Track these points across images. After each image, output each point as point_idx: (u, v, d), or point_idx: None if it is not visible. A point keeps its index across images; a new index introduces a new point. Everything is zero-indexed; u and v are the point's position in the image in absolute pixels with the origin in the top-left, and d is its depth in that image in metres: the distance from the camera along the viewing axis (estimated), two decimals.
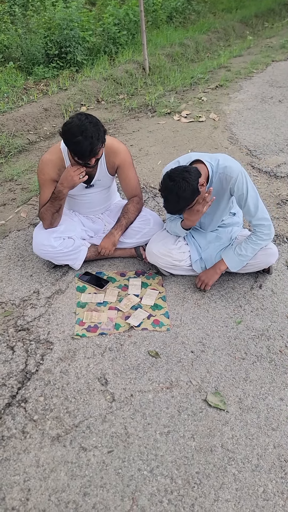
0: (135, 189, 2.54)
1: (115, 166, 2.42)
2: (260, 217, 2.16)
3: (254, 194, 2.13)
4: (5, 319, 2.20)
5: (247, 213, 2.17)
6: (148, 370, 1.94)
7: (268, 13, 11.28)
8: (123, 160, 2.40)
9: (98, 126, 2.06)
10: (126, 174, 2.46)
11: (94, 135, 2.03)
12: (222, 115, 4.95)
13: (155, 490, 1.52)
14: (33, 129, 4.46)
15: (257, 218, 2.16)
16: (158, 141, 4.23)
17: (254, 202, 2.13)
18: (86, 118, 2.05)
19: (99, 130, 2.06)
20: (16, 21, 6.44)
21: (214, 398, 1.83)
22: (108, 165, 2.39)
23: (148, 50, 6.38)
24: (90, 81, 5.63)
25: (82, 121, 2.04)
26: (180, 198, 1.96)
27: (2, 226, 2.94)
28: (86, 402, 1.80)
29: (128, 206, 2.55)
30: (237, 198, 2.15)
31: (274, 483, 1.55)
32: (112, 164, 2.40)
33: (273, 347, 2.08)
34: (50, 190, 2.32)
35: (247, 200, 2.11)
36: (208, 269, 2.36)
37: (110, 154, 2.36)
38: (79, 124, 2.03)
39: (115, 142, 2.39)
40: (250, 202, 2.12)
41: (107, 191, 2.57)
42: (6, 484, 1.52)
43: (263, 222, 2.17)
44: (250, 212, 2.15)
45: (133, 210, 2.55)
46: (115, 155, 2.37)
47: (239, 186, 2.09)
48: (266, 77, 6.46)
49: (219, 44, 8.58)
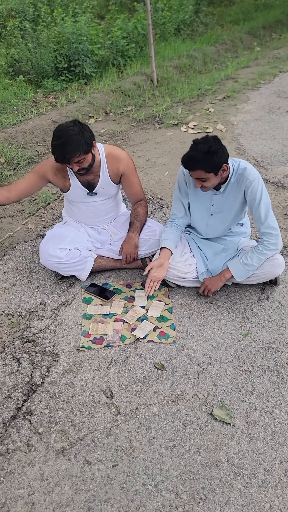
0: (140, 194, 2.59)
1: (119, 173, 2.44)
2: (269, 226, 2.16)
3: (267, 202, 2.15)
4: (12, 330, 2.20)
5: (257, 219, 2.18)
6: (153, 383, 1.93)
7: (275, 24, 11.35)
8: (127, 166, 2.43)
9: (79, 135, 2.11)
10: (130, 180, 2.50)
11: (72, 143, 2.09)
12: (230, 126, 4.97)
13: (160, 506, 1.50)
14: (42, 141, 4.51)
15: (266, 226, 2.17)
16: (166, 152, 4.26)
17: (266, 210, 2.14)
18: (72, 126, 2.13)
19: (79, 140, 2.11)
20: (27, 35, 6.56)
21: (220, 412, 1.81)
22: (111, 173, 2.41)
23: (156, 62, 6.45)
24: (99, 93, 5.70)
25: (67, 128, 2.12)
26: (208, 154, 1.96)
27: (10, 238, 2.97)
28: (91, 415, 1.79)
29: (137, 209, 2.58)
30: (250, 202, 2.16)
31: (281, 499, 1.53)
32: (115, 171, 2.42)
33: (280, 360, 2.06)
34: (31, 182, 2.42)
35: (260, 206, 2.13)
36: (213, 276, 2.36)
37: (112, 162, 2.39)
38: (61, 129, 2.12)
39: (115, 150, 2.43)
40: (262, 209, 2.13)
41: (112, 200, 2.58)
42: (10, 498, 1.52)
43: (271, 231, 2.17)
44: (261, 218, 2.15)
45: (143, 212, 2.58)
46: (118, 162, 2.40)
47: (253, 190, 2.11)
48: (274, 87, 6.48)
49: (226, 55, 8.64)
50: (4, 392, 1.88)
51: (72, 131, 2.10)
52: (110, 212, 2.64)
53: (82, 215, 2.59)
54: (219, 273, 2.34)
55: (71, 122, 2.15)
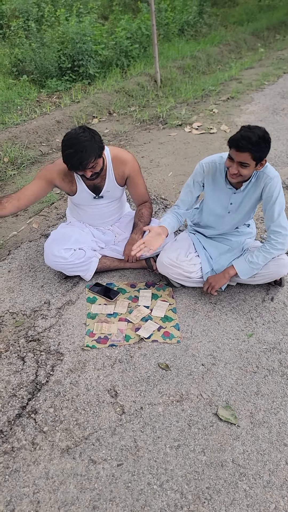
0: (145, 195, 2.60)
1: (125, 176, 2.45)
2: (279, 225, 2.17)
3: (282, 202, 2.16)
4: (16, 329, 2.21)
5: (269, 217, 2.18)
6: (158, 383, 1.93)
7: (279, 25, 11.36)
8: (132, 169, 2.44)
9: (92, 141, 2.10)
10: (136, 182, 2.50)
11: (86, 149, 2.07)
12: (233, 126, 4.97)
13: (164, 505, 1.50)
14: (46, 141, 4.52)
15: (277, 224, 2.17)
16: (169, 152, 4.26)
17: (280, 209, 2.15)
18: (82, 132, 2.10)
19: (93, 145, 2.10)
20: (31, 35, 6.57)
21: (225, 412, 1.81)
22: (116, 175, 2.42)
23: (159, 62, 6.45)
24: (102, 93, 5.71)
25: (77, 135, 2.09)
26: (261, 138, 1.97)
27: (14, 237, 2.97)
28: (96, 414, 1.79)
29: (141, 210, 2.59)
30: (265, 199, 2.17)
31: (286, 500, 1.52)
32: (121, 174, 2.43)
33: (285, 361, 2.06)
34: (39, 189, 2.38)
35: (275, 204, 2.14)
36: (217, 273, 2.35)
37: (118, 165, 2.39)
38: (72, 137, 2.09)
39: (121, 152, 2.42)
40: (277, 207, 2.14)
41: (117, 202, 2.59)
42: (15, 496, 1.52)
43: (281, 230, 2.17)
44: (273, 216, 2.16)
45: (147, 214, 2.58)
46: (124, 165, 2.41)
47: (271, 188, 2.12)
48: (278, 88, 6.48)
49: (230, 56, 8.65)
50: (9, 391, 1.88)
51: (84, 137, 2.08)
52: (114, 214, 2.65)
53: (87, 217, 2.60)
54: (223, 270, 2.34)
55: (80, 129, 2.13)
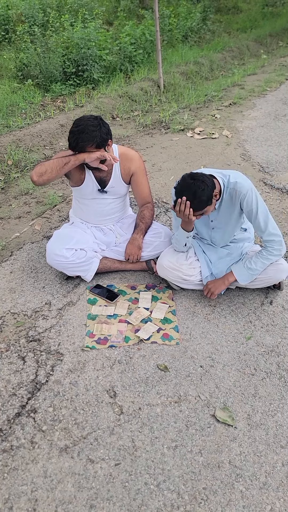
0: (148, 196, 2.64)
1: (130, 173, 2.51)
2: (270, 233, 2.17)
3: (264, 210, 2.15)
4: (17, 329, 2.23)
5: (258, 228, 2.19)
6: (156, 384, 1.95)
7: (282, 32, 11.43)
8: (138, 166, 2.51)
9: (97, 129, 2.20)
10: (140, 181, 2.55)
11: (88, 132, 2.17)
12: (235, 132, 5.00)
13: (161, 505, 1.51)
14: (49, 144, 4.56)
15: (268, 233, 2.18)
16: (171, 157, 4.29)
17: (264, 218, 2.14)
18: (93, 119, 2.22)
19: (96, 133, 2.19)
20: (36, 40, 6.64)
21: (222, 414, 1.82)
22: (122, 171, 2.48)
23: (163, 68, 6.51)
24: (106, 98, 5.76)
25: (87, 119, 2.21)
26: (196, 199, 1.98)
27: (17, 239, 3.00)
28: (95, 414, 1.81)
29: (143, 212, 2.63)
30: (247, 213, 2.17)
31: (282, 501, 1.53)
32: (127, 170, 2.49)
33: (283, 364, 2.07)
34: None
35: (258, 215, 2.13)
36: (217, 279, 2.37)
37: (124, 162, 2.47)
38: (82, 119, 2.21)
39: (128, 150, 2.51)
40: (260, 218, 2.14)
41: (120, 201, 2.62)
42: (13, 494, 1.53)
43: (274, 238, 2.18)
44: (261, 227, 2.17)
45: (149, 215, 2.62)
46: (130, 162, 2.48)
47: (248, 202, 2.12)
48: (280, 95, 6.52)
49: (233, 62, 8.70)
50: (9, 390, 1.90)
51: (91, 123, 2.19)
52: (117, 212, 2.68)
53: (90, 213, 2.62)
54: (222, 276, 2.35)
55: (92, 116, 2.25)
